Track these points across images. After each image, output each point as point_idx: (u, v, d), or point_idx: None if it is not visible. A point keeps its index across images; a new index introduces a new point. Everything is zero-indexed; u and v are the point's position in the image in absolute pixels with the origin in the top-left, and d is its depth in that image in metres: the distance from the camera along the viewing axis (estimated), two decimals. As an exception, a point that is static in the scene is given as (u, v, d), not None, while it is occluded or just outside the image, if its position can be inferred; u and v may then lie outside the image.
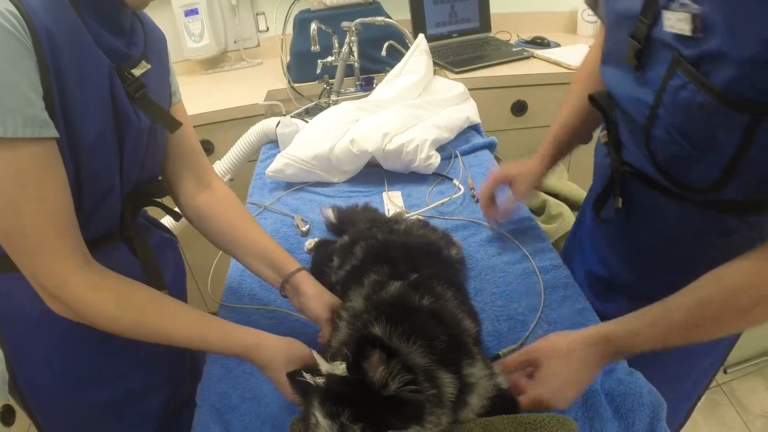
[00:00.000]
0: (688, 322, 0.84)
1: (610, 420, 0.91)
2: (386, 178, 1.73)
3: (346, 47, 2.26)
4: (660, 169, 0.94)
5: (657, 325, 0.87)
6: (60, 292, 0.85)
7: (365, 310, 0.91)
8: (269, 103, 2.35)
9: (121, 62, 0.92)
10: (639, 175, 1.02)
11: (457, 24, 2.80)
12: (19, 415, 1.85)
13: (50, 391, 1.05)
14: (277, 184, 1.76)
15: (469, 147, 1.87)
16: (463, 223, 1.48)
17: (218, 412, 0.99)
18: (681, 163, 0.90)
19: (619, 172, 1.06)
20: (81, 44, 0.82)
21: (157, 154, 1.08)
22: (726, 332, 0.87)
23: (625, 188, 1.07)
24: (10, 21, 0.71)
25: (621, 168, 1.05)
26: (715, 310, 0.82)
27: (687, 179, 0.91)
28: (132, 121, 0.94)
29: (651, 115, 0.90)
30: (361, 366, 0.71)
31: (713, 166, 0.84)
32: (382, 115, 1.79)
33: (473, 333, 0.94)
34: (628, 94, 0.96)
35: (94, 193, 0.92)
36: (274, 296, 1.25)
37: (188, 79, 2.83)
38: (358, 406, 0.70)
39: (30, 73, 0.75)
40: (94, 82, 0.86)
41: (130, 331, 0.92)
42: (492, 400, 0.84)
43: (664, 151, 0.91)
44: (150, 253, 1.10)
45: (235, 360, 1.09)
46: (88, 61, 0.84)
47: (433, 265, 1.06)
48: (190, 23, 2.68)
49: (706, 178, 0.87)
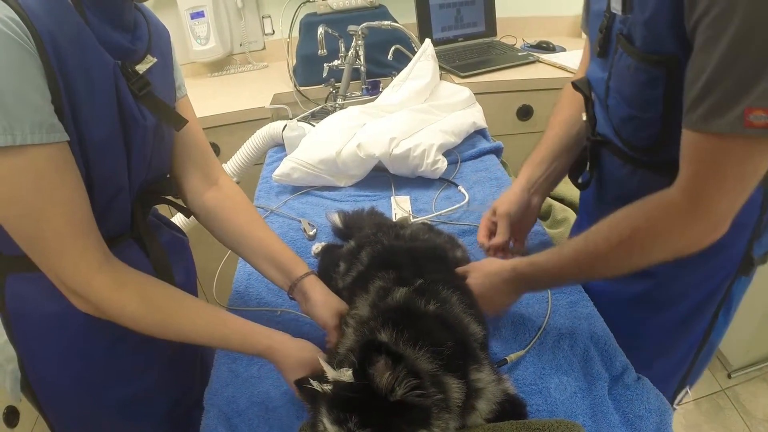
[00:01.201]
0: (578, 253, 0.97)
1: (618, 426, 0.91)
2: (393, 183, 1.73)
3: (353, 51, 2.27)
4: (617, 133, 1.08)
5: (551, 258, 1.02)
6: (85, 291, 0.87)
7: (371, 317, 0.91)
8: (275, 107, 2.35)
9: (127, 58, 0.92)
10: (607, 144, 1.15)
11: (463, 28, 2.80)
12: (22, 417, 1.86)
13: (62, 391, 1.05)
14: (284, 187, 1.76)
15: (475, 151, 1.87)
16: (468, 228, 1.48)
17: (226, 417, 0.99)
18: (628, 125, 1.03)
19: (590, 141, 1.19)
20: (85, 45, 0.83)
21: (164, 151, 1.09)
22: (613, 268, 0.97)
23: (597, 158, 1.21)
24: (12, 28, 0.72)
25: (593, 138, 1.18)
26: (599, 240, 0.94)
27: (636, 140, 1.04)
28: (137, 120, 0.94)
29: (606, 87, 1.06)
30: (368, 372, 0.71)
31: (652, 125, 0.98)
32: (389, 120, 1.79)
33: (480, 337, 0.94)
34: (596, 77, 1.12)
35: (104, 193, 0.93)
36: (282, 300, 1.25)
37: (194, 81, 2.84)
38: (366, 412, 0.70)
39: (35, 78, 0.75)
40: (99, 83, 0.86)
41: (153, 329, 0.93)
42: (500, 405, 0.85)
43: (616, 116, 1.06)
44: (161, 252, 1.11)
45: (243, 364, 1.10)
46: (92, 62, 0.84)
47: (439, 270, 1.06)
48: (196, 26, 2.69)
49: (649, 137, 1.00)
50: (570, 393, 0.97)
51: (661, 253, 0.91)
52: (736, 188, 0.82)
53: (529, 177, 1.33)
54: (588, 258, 0.96)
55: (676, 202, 0.86)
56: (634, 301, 1.19)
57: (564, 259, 0.99)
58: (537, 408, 0.95)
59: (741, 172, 0.80)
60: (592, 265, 0.97)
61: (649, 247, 0.91)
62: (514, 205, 1.29)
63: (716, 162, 0.80)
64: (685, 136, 0.84)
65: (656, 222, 0.89)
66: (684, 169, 0.85)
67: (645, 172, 1.08)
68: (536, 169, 1.33)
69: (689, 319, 1.18)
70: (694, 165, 0.83)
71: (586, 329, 1.10)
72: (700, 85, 0.78)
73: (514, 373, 1.02)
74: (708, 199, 0.83)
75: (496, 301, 1.09)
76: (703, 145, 0.81)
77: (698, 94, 0.78)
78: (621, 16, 0.96)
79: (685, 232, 0.87)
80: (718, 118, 0.76)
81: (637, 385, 0.97)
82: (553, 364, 1.03)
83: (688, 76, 0.81)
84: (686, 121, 0.82)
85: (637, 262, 0.94)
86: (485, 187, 1.67)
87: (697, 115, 0.79)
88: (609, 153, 1.16)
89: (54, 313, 0.96)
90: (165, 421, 1.17)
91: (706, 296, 1.14)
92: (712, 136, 0.78)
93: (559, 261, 1.00)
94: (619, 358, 1.04)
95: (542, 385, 0.99)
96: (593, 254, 0.95)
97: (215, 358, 1.13)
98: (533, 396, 0.97)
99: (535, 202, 1.35)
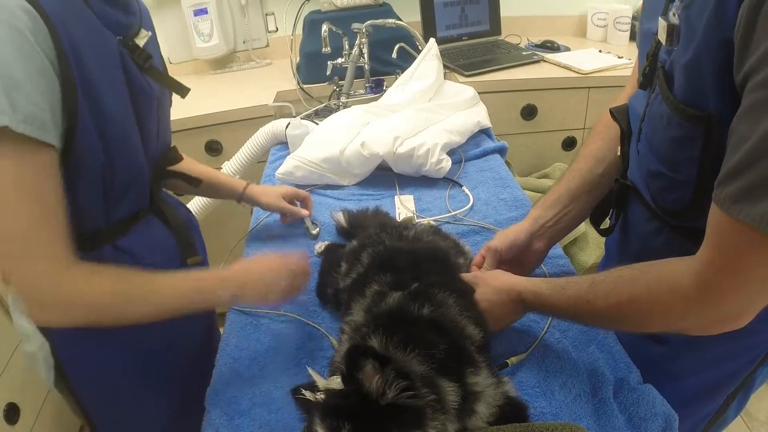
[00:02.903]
0: (579, 296, 0.89)
1: (623, 429, 0.90)
2: (397, 182, 1.73)
3: (357, 49, 2.26)
4: (647, 186, 0.94)
5: (553, 294, 0.94)
6: (57, 290, 0.85)
7: (364, 323, 0.91)
8: (279, 104, 2.35)
9: (124, 33, 0.94)
10: (636, 193, 1.03)
11: (467, 27, 2.80)
12: (23, 415, 1.85)
13: (96, 371, 1.07)
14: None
15: (479, 151, 1.87)
16: (474, 228, 1.47)
17: (228, 417, 0.99)
18: (657, 182, 0.90)
19: (618, 184, 1.07)
20: (89, 25, 0.85)
21: (166, 121, 1.14)
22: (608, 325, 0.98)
23: (624, 204, 1.08)
24: (23, 20, 0.73)
25: (621, 180, 1.06)
26: (600, 291, 0.86)
27: (664, 201, 0.91)
28: (146, 91, 0.98)
29: (638, 129, 0.93)
30: (356, 377, 0.71)
31: (682, 188, 0.84)
32: (393, 119, 1.78)
33: (478, 340, 0.93)
34: (636, 109, 0.97)
35: (125, 170, 0.95)
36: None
37: (197, 78, 2.84)
38: (358, 418, 0.70)
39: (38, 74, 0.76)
40: (107, 60, 0.88)
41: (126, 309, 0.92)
42: (501, 408, 0.84)
43: (645, 168, 0.93)
44: (180, 222, 1.16)
45: (245, 364, 1.09)
46: (98, 40, 0.86)
47: (438, 272, 1.05)
48: (200, 23, 2.68)
49: (679, 200, 0.87)
50: (574, 395, 0.96)
51: (659, 328, 0.87)
52: (757, 289, 0.70)
53: (535, 219, 1.20)
54: (585, 307, 0.89)
55: (685, 286, 0.74)
56: (648, 365, 1.04)
57: (564, 299, 0.93)
58: (541, 411, 0.94)
59: (765, 274, 0.67)
60: (588, 315, 0.92)
61: (646, 320, 0.83)
62: (506, 244, 1.18)
63: (738, 255, 0.68)
64: (713, 210, 0.70)
65: (658, 298, 0.79)
66: (704, 249, 0.72)
67: (673, 235, 0.95)
68: (547, 211, 1.20)
69: (703, 394, 1.08)
70: (713, 251, 0.71)
71: (590, 331, 1.09)
72: (738, 157, 0.64)
73: (517, 376, 1.01)
74: (720, 293, 0.71)
75: (502, 316, 1.04)
76: (727, 230, 0.67)
77: (734, 167, 0.64)
78: (666, 46, 0.81)
79: (688, 318, 0.78)
80: (749, 205, 0.62)
81: (643, 389, 0.96)
82: (557, 366, 1.02)
83: (730, 138, 0.67)
84: (715, 194, 0.68)
85: (632, 328, 0.92)
86: (489, 187, 1.67)
87: (726, 193, 0.65)
88: (637, 202, 1.03)
89: None
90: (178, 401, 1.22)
91: (723, 377, 1.05)
92: (739, 224, 0.64)
93: (559, 300, 0.94)
94: (624, 361, 1.03)
95: (546, 387, 0.98)
96: (590, 306, 0.88)
97: (216, 358, 1.12)
98: (537, 398, 0.96)
99: (539, 247, 1.21)
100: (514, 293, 1.01)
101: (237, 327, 1.18)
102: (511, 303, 1.02)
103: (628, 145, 1.03)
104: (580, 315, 0.93)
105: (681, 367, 1.05)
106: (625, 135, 1.03)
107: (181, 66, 2.90)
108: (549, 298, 0.95)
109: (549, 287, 0.96)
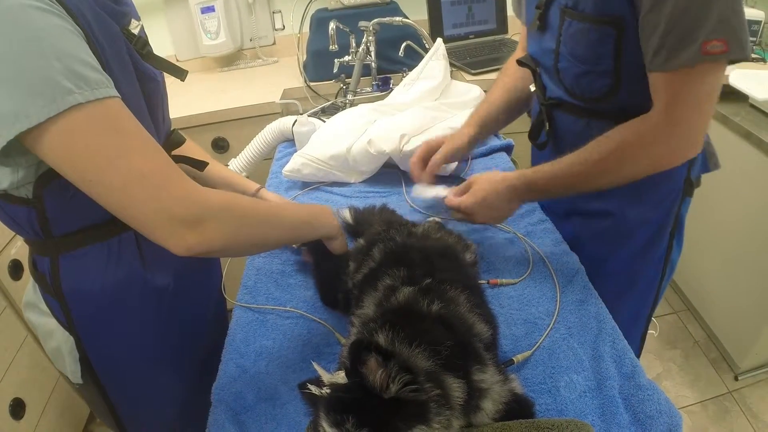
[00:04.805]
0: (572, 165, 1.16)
1: (628, 426, 0.90)
2: (403, 179, 1.73)
3: (364, 47, 2.27)
4: (569, 92, 1.24)
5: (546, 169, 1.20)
6: (200, 209, 0.84)
7: (373, 317, 0.91)
8: (285, 102, 2.35)
9: (120, 22, 0.95)
10: (559, 105, 1.31)
11: (474, 25, 2.80)
12: (28, 410, 1.87)
13: (124, 364, 1.09)
14: (293, 183, 1.76)
15: (486, 149, 1.87)
16: (479, 225, 1.46)
17: (234, 412, 0.99)
18: (582, 80, 1.19)
19: (545, 105, 1.35)
20: (96, 14, 0.85)
21: (166, 106, 1.15)
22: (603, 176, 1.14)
23: (552, 119, 1.36)
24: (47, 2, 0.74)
25: (546, 102, 1.34)
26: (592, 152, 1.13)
27: (590, 92, 1.20)
28: (152, 76, 0.99)
29: (555, 54, 1.22)
30: (360, 371, 0.71)
31: (604, 76, 1.15)
32: (400, 117, 1.78)
33: (486, 337, 0.93)
34: (540, 49, 1.29)
35: None
36: (290, 296, 1.25)
37: (204, 76, 2.84)
38: (362, 412, 0.70)
39: (82, 44, 0.77)
40: (117, 47, 0.89)
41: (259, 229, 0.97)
42: (507, 404, 0.84)
43: (569, 76, 1.22)
44: None
45: (251, 359, 1.09)
46: (106, 29, 0.87)
47: (450, 269, 1.05)
48: (207, 20, 2.69)
49: (602, 86, 1.17)
50: (579, 392, 0.96)
51: (647, 161, 1.10)
52: (708, 106, 1.02)
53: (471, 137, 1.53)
54: (581, 166, 1.14)
55: (660, 122, 1.04)
56: (596, 239, 1.37)
57: (557, 167, 1.18)
58: (546, 407, 0.94)
59: (708, 91, 1.00)
60: (584, 173, 1.14)
61: (639, 156, 1.09)
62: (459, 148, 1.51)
63: (688, 89, 1.00)
64: (654, 78, 1.04)
65: (643, 135, 1.07)
66: (658, 101, 1.04)
67: (598, 122, 1.22)
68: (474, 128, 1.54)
69: (649, 245, 1.35)
70: (667, 96, 1.02)
71: (595, 328, 1.09)
72: (657, 37, 0.98)
73: (522, 372, 1.01)
74: (687, 119, 1.03)
75: (499, 205, 1.25)
76: (672, 80, 1.00)
77: (658, 43, 0.98)
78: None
79: (669, 144, 1.06)
80: (684, 55, 0.96)
81: (648, 386, 0.96)
82: (563, 363, 1.02)
83: (644, 33, 1.01)
84: (653, 66, 1.01)
85: (626, 171, 1.12)
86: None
87: (661, 59, 0.99)
88: (562, 112, 1.32)
89: (110, 286, 0.99)
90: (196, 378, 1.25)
91: (662, 218, 1.32)
92: (680, 71, 0.98)
93: (552, 169, 1.18)
94: (630, 357, 1.03)
95: (551, 384, 0.99)
96: (587, 163, 1.13)
97: (223, 353, 1.12)
98: (542, 395, 0.97)
99: None
100: (513, 177, 1.24)
101: (243, 323, 1.19)
102: (505, 190, 1.23)
103: (540, 78, 1.35)
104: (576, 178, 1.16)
105: (627, 227, 1.33)
106: (536, 72, 1.35)
107: (188, 63, 2.90)
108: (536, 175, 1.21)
109: (535, 169, 1.22)
